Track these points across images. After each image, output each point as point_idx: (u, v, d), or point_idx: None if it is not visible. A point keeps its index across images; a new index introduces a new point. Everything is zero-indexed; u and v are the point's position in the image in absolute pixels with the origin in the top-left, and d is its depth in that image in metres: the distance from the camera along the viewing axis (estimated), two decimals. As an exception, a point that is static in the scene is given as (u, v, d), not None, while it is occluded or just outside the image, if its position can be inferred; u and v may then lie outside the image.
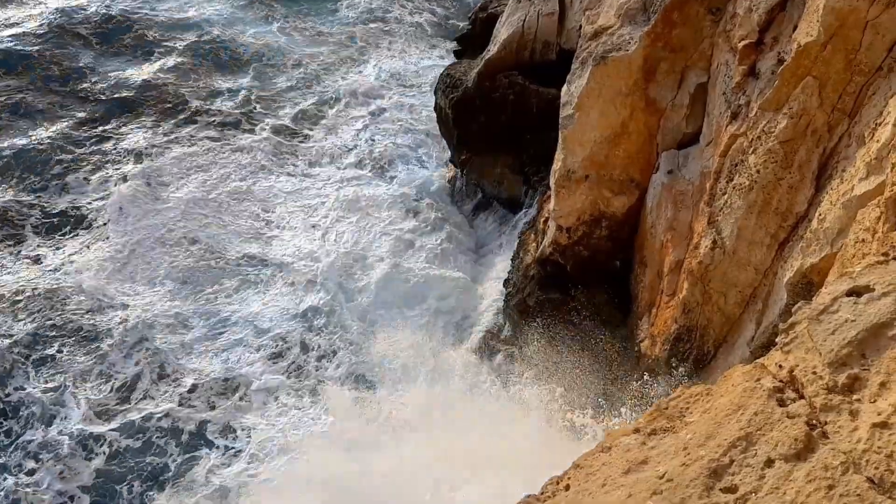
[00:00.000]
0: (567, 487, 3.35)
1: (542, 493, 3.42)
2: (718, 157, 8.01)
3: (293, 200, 16.30)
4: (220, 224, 15.58)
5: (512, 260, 12.59)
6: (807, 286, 6.53)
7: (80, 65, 19.34)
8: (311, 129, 18.22)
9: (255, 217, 15.85)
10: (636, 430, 3.43)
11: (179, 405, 12.24)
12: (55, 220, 15.34)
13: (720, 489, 2.95)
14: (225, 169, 16.88)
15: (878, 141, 5.82)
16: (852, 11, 6.33)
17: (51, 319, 13.39)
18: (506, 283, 12.28)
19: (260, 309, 13.87)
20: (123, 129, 17.68)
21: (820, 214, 6.54)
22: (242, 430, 11.96)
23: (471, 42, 18.82)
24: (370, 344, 13.22)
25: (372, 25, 21.98)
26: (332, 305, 14.02)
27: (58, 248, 14.74)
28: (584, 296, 10.68)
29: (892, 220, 5.15)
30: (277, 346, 13.25)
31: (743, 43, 7.86)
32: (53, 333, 13.18)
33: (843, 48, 6.49)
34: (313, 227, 15.74)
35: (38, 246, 14.80)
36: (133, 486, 11.22)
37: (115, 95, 18.52)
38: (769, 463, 2.96)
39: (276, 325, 13.59)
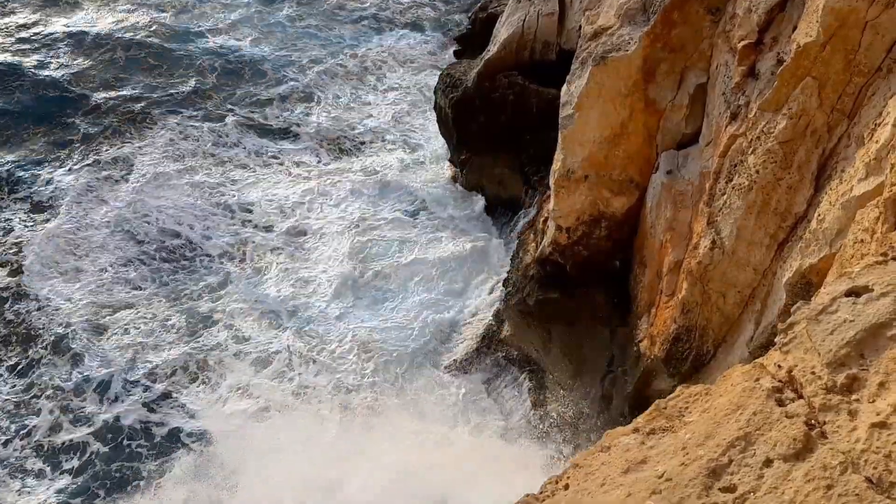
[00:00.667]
0: (566, 487, 3.35)
1: (541, 493, 3.43)
2: (718, 158, 8.01)
3: (279, 198, 16.07)
4: (200, 220, 15.37)
5: (511, 260, 12.59)
6: (806, 286, 6.54)
7: (73, 50, 19.38)
8: (298, 127, 18.02)
9: (235, 215, 15.62)
10: (635, 430, 3.44)
11: (152, 410, 12.03)
12: (33, 213, 15.23)
13: (719, 489, 2.95)
14: (208, 164, 16.69)
15: (877, 141, 5.83)
16: (852, 12, 6.33)
17: (19, 320, 13.20)
18: (505, 282, 12.28)
19: (242, 310, 13.66)
20: (104, 122, 17.58)
21: (819, 215, 6.55)
22: (223, 434, 11.72)
23: (470, 42, 18.82)
24: (354, 352, 13.02)
25: (365, 23, 21.83)
26: (316, 310, 13.77)
27: (34, 243, 14.61)
28: (583, 295, 10.68)
29: (891, 220, 5.15)
30: (260, 350, 13.05)
31: (742, 43, 7.86)
32: (19, 335, 12.95)
33: (843, 49, 6.49)
34: (297, 227, 15.47)
35: (15, 242, 14.67)
36: (99, 495, 10.98)
37: (97, 86, 18.48)
38: (768, 463, 2.96)
39: (258, 327, 13.38)
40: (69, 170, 16.22)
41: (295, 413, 12.01)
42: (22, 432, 11.63)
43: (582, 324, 10.59)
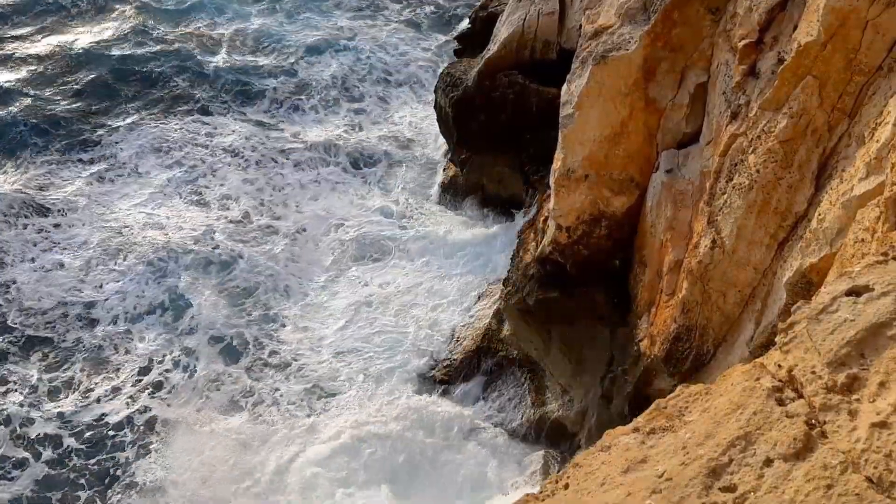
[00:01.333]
0: (566, 486, 3.35)
1: (541, 492, 3.42)
2: (718, 157, 8.01)
3: (261, 192, 15.99)
4: (182, 214, 15.38)
5: (511, 259, 12.57)
6: (806, 286, 6.53)
7: (66, 43, 19.36)
8: (286, 120, 17.93)
9: (213, 209, 15.59)
10: (635, 430, 3.43)
11: (131, 398, 12.15)
12: (23, 207, 15.29)
13: (719, 488, 2.95)
14: (194, 158, 16.67)
15: (877, 141, 5.82)
16: (853, 11, 6.32)
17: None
18: (505, 282, 12.26)
19: (218, 302, 13.65)
20: (96, 112, 17.60)
21: (819, 214, 6.54)
22: (195, 423, 11.84)
23: (471, 41, 18.80)
24: (334, 353, 12.94)
25: (364, 18, 21.76)
26: (293, 306, 13.66)
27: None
28: (583, 295, 10.66)
29: (892, 219, 5.15)
30: (236, 341, 13.05)
31: (743, 42, 7.85)
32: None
33: (844, 48, 6.48)
34: (277, 222, 15.34)
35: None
36: (80, 486, 11.04)
37: (92, 77, 18.46)
38: (768, 462, 2.96)
39: (234, 319, 13.36)
40: (52, 166, 16.24)
41: (266, 410, 12.01)
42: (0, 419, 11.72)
43: (582, 323, 10.58)
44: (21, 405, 11.93)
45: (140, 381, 12.43)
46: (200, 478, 10.97)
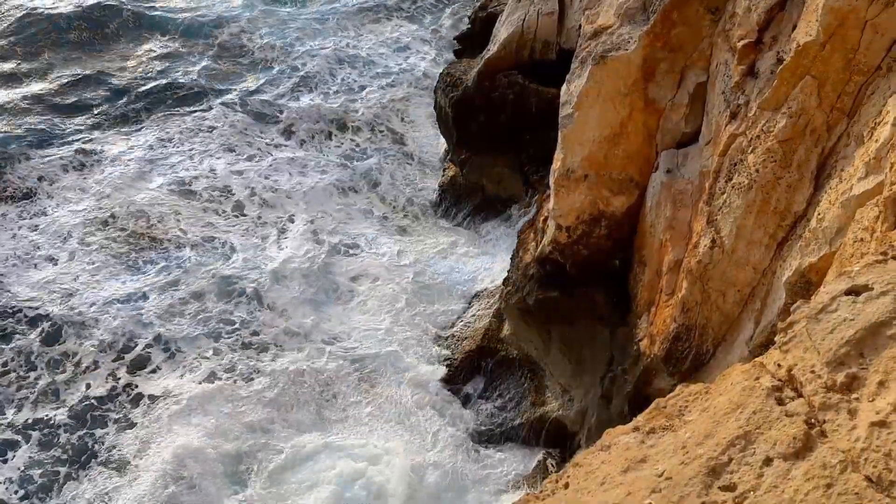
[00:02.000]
0: (566, 486, 3.35)
1: (541, 492, 3.43)
2: (717, 157, 8.02)
3: (250, 185, 16.02)
4: (170, 207, 15.44)
5: (511, 259, 12.57)
6: (805, 285, 6.54)
7: (64, 46, 19.39)
8: (282, 114, 17.93)
9: (209, 199, 15.64)
10: (635, 429, 3.44)
11: (112, 375, 12.33)
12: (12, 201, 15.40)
13: (719, 487, 2.96)
14: (187, 153, 16.72)
15: (876, 140, 5.83)
16: (851, 11, 6.33)
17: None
18: (505, 281, 12.27)
19: (206, 290, 13.75)
20: (90, 109, 17.64)
21: (819, 214, 6.55)
22: (181, 398, 11.96)
23: (470, 41, 18.80)
24: (321, 348, 12.97)
25: (364, 14, 21.74)
26: (281, 299, 13.65)
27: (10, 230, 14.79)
28: (583, 295, 10.67)
29: (891, 219, 5.15)
30: (222, 326, 13.18)
31: (742, 42, 7.86)
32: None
33: (843, 48, 6.49)
34: (267, 215, 15.35)
35: None
36: (63, 462, 11.16)
37: (87, 75, 18.50)
38: (768, 461, 2.96)
39: (220, 306, 13.48)
40: (45, 159, 16.29)
41: (246, 391, 12.10)
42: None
43: (582, 323, 10.58)
44: (14, 390, 12.03)
45: (122, 358, 12.59)
46: (182, 453, 11.06)
